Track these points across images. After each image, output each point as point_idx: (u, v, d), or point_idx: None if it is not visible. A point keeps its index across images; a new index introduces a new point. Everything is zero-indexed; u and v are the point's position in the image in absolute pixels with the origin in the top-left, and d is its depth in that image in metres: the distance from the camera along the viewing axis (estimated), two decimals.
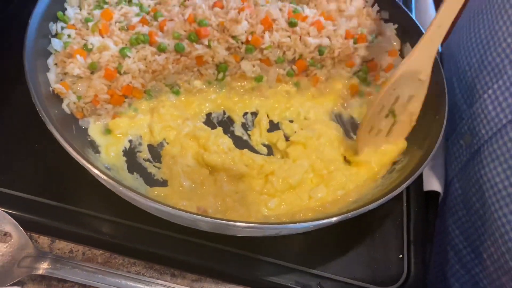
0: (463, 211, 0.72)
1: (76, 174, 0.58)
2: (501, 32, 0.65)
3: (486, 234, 0.67)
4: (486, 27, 0.69)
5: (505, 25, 0.64)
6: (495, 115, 0.63)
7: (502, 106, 0.63)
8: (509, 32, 0.63)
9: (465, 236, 0.73)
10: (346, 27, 0.76)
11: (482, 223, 0.68)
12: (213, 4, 0.72)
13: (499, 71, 0.64)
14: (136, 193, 0.49)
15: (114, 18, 0.70)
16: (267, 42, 0.71)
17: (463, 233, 0.73)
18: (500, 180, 0.63)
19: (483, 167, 0.66)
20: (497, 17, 0.66)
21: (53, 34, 0.68)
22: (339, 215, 0.53)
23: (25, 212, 0.57)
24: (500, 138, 0.63)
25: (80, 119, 0.65)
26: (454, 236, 0.75)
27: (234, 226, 0.51)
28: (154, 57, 0.67)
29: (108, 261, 0.57)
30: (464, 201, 0.72)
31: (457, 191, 0.74)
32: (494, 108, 0.64)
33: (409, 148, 0.67)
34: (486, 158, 0.65)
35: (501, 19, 0.65)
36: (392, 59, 0.78)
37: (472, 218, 0.70)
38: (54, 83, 0.63)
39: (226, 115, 0.73)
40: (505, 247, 0.63)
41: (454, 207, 0.74)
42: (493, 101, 0.64)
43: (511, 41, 0.62)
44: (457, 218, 0.74)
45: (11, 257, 0.54)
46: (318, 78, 0.76)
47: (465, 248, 0.73)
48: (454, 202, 0.74)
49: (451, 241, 0.75)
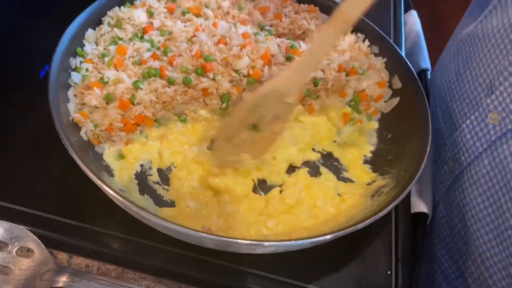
0: (448, 232, 0.78)
1: (92, 196, 0.64)
2: (477, 67, 0.71)
3: (467, 253, 0.72)
4: (465, 61, 0.76)
5: (481, 62, 0.71)
6: (473, 143, 0.70)
7: (478, 136, 0.69)
8: (484, 69, 0.70)
9: (450, 256, 0.78)
10: (339, 61, 0.83)
11: (464, 243, 0.73)
12: (217, 41, 0.79)
13: (476, 103, 0.71)
14: (148, 213, 0.55)
15: (128, 53, 0.77)
16: (267, 75, 0.77)
17: (448, 253, 0.78)
18: (477, 203, 0.69)
19: (463, 191, 0.71)
20: (474, 54, 0.73)
21: (73, 68, 0.74)
22: (332, 233, 0.59)
23: (46, 230, 0.62)
24: (477, 165, 0.69)
25: (96, 145, 0.71)
26: (440, 256, 0.80)
27: (236, 243, 0.56)
28: (164, 89, 0.73)
29: (121, 275, 0.62)
30: (448, 222, 0.77)
31: (442, 213, 0.79)
32: (471, 137, 0.70)
33: (396, 172, 0.73)
34: (465, 183, 0.71)
35: (478, 56, 0.72)
36: (382, 90, 0.84)
37: (455, 239, 0.76)
38: (73, 113, 0.69)
39: None
40: (484, 266, 0.68)
41: (439, 228, 0.80)
42: (471, 130, 0.70)
43: (486, 77, 0.69)
44: (442, 239, 0.79)
45: (34, 271, 0.59)
46: (314, 107, 0.83)
47: (450, 267, 0.78)
48: (439, 223, 0.80)
49: (438, 260, 0.80)
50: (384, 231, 0.71)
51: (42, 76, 0.84)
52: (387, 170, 0.75)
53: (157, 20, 0.83)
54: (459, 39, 0.79)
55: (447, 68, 0.81)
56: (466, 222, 0.71)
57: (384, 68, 0.86)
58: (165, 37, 0.82)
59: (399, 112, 0.81)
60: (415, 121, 0.75)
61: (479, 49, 0.71)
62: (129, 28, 0.81)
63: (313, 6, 0.94)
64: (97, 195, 0.62)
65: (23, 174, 0.69)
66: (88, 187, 0.63)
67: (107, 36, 0.80)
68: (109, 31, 0.80)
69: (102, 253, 0.63)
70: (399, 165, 0.73)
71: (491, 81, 0.68)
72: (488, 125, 0.68)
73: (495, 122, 0.67)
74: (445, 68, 0.82)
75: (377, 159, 0.80)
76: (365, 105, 0.83)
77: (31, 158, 0.71)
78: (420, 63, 1.02)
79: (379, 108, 0.84)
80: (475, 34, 0.73)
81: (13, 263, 0.59)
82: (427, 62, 1.04)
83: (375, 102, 0.83)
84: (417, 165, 0.69)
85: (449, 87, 0.79)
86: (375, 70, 0.85)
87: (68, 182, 0.68)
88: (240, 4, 0.92)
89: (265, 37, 0.82)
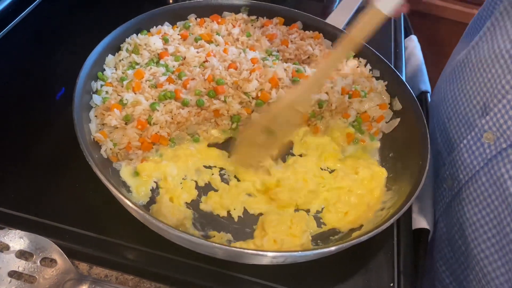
0: (448, 248, 0.80)
1: (111, 210, 0.68)
2: (471, 90, 0.76)
3: (469, 269, 0.75)
4: (460, 85, 0.80)
5: (474, 86, 0.75)
6: (470, 162, 0.73)
7: (475, 154, 0.73)
8: (478, 92, 0.74)
9: (451, 271, 0.80)
10: (342, 84, 0.88)
11: (465, 259, 0.76)
12: (228, 65, 0.85)
13: (471, 124, 0.75)
14: (167, 225, 0.59)
15: (145, 77, 0.82)
16: (274, 98, 0.82)
17: (448, 269, 0.81)
18: (477, 219, 0.72)
19: (462, 207, 0.75)
20: (468, 78, 0.78)
21: (94, 91, 0.80)
22: (336, 246, 0.63)
23: (69, 241, 0.66)
24: (475, 182, 0.72)
25: (114, 162, 0.75)
26: (441, 272, 0.83)
27: (247, 253, 0.60)
28: (179, 111, 0.78)
29: (138, 285, 0.65)
30: (449, 239, 0.80)
31: (442, 230, 0.82)
32: (468, 155, 0.74)
33: (397, 189, 0.77)
34: (464, 200, 0.74)
35: (471, 80, 0.77)
36: (383, 112, 0.88)
37: (456, 254, 0.78)
38: (94, 132, 0.75)
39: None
40: (485, 280, 0.71)
41: (440, 245, 0.83)
42: (468, 150, 0.74)
43: (480, 99, 0.74)
44: (443, 255, 0.82)
45: (57, 280, 0.63)
46: (318, 128, 0.87)
47: (451, 283, 0.80)
48: (440, 240, 0.82)
49: (439, 276, 0.83)
50: (386, 245, 0.74)
51: (59, 97, 0.90)
52: (388, 187, 0.79)
53: (171, 46, 0.89)
54: (454, 64, 0.84)
55: (444, 91, 0.86)
56: (467, 238, 0.74)
57: (385, 90, 0.90)
58: (179, 62, 0.88)
59: (400, 132, 0.85)
60: (415, 141, 0.79)
61: (473, 73, 0.76)
62: (145, 53, 0.87)
63: (318, 33, 0.99)
64: (115, 208, 0.67)
65: (48, 190, 0.73)
66: (107, 201, 0.68)
67: (125, 61, 0.86)
68: (127, 57, 0.86)
69: (120, 263, 0.66)
70: (400, 182, 0.76)
71: (485, 103, 0.72)
72: (483, 144, 0.72)
73: (490, 142, 0.70)
74: (442, 91, 0.86)
75: None
76: (368, 125, 0.87)
77: (53, 176, 0.75)
78: (420, 85, 1.07)
79: (381, 128, 0.88)
80: (468, 59, 0.78)
81: (38, 272, 0.63)
82: (427, 84, 1.09)
83: (376, 123, 0.87)
84: (417, 181, 0.72)
85: (446, 109, 0.83)
86: (376, 92, 0.90)
87: (89, 197, 0.72)
88: (249, 31, 0.98)
89: (272, 62, 0.88)
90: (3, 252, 0.64)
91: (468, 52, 0.79)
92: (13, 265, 0.63)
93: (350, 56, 0.95)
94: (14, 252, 0.64)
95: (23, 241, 0.65)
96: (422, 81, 1.08)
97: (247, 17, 1.01)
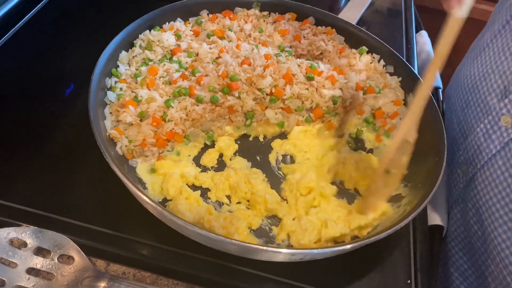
0: (464, 234, 0.80)
1: (128, 207, 0.69)
2: (493, 74, 0.76)
3: (486, 253, 0.75)
4: (483, 67, 0.80)
5: (497, 69, 0.75)
6: (486, 146, 0.73)
7: (492, 138, 0.72)
8: (500, 75, 0.74)
9: (468, 257, 0.80)
10: (356, 80, 0.88)
11: (482, 244, 0.76)
12: (242, 61, 0.84)
13: (489, 108, 0.75)
14: (184, 221, 0.59)
15: (159, 73, 0.82)
16: (288, 94, 0.82)
17: (466, 255, 0.81)
18: (493, 203, 0.72)
19: (478, 192, 0.75)
20: (491, 62, 0.77)
21: (108, 87, 0.80)
22: (352, 243, 0.62)
23: (86, 239, 0.66)
24: (491, 166, 0.72)
25: (129, 159, 0.75)
26: (458, 258, 0.82)
27: (262, 250, 0.60)
28: (193, 107, 0.78)
29: (155, 282, 0.65)
30: (464, 224, 0.80)
31: (456, 216, 0.82)
32: (485, 139, 0.74)
33: (414, 186, 0.76)
34: (480, 184, 0.74)
35: (495, 63, 0.76)
36: (397, 108, 0.88)
37: (472, 240, 0.78)
38: (109, 129, 0.75)
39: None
40: (503, 264, 0.71)
41: (455, 231, 0.83)
42: (484, 134, 0.74)
43: (501, 83, 0.73)
44: (458, 241, 0.82)
45: (75, 277, 0.63)
46: (333, 124, 0.87)
47: (469, 268, 0.80)
48: (455, 226, 0.83)
49: (455, 262, 0.83)
50: (403, 242, 0.74)
51: (68, 94, 0.90)
52: (404, 184, 0.78)
53: (184, 42, 0.89)
54: (477, 50, 0.83)
55: (464, 76, 0.85)
56: (483, 223, 0.74)
57: (400, 86, 0.90)
58: (192, 58, 0.87)
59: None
60: (430, 137, 0.78)
61: (496, 57, 0.75)
62: (158, 50, 0.87)
63: (330, 28, 0.99)
64: (133, 207, 0.67)
65: (64, 187, 0.73)
66: (123, 198, 0.68)
67: (139, 58, 0.86)
68: (140, 53, 0.86)
69: (138, 260, 0.66)
70: (416, 178, 0.76)
71: (506, 87, 0.72)
72: (501, 127, 0.72)
73: (508, 125, 0.70)
74: (461, 79, 0.86)
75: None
76: (382, 122, 0.87)
77: (70, 176, 0.75)
78: None
79: (396, 125, 0.87)
80: (493, 43, 0.77)
81: (56, 269, 0.63)
82: (438, 80, 1.08)
83: (391, 119, 0.87)
84: (433, 179, 0.71)
85: (465, 94, 0.83)
86: (390, 88, 0.89)
87: (106, 195, 0.73)
88: (261, 27, 0.97)
89: (285, 57, 0.87)
90: (20, 249, 0.64)
91: (494, 37, 0.78)
92: (31, 262, 0.63)
93: (363, 51, 0.94)
94: (31, 249, 0.64)
95: (40, 238, 0.65)
96: None
97: (259, 13, 1.00)
